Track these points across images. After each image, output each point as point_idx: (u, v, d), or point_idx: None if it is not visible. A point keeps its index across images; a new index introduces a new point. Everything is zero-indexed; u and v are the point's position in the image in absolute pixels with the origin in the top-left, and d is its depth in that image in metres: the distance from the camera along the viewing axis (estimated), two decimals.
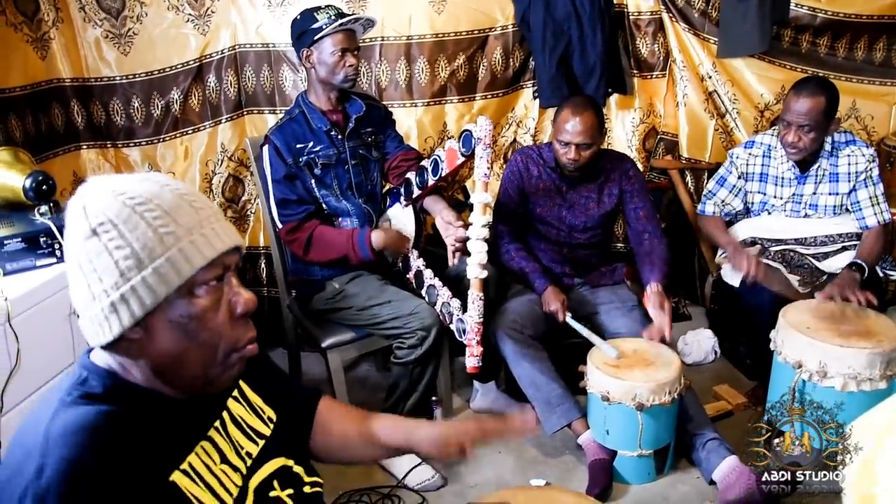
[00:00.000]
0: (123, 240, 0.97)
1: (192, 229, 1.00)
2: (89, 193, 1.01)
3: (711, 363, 3.25)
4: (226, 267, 1.04)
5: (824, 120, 2.66)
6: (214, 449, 1.11)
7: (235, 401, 1.21)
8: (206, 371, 1.04)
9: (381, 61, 3.18)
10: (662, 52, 3.42)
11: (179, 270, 0.98)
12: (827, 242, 2.81)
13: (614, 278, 2.91)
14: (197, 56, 3.06)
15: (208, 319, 1.01)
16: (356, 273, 2.63)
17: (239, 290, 1.05)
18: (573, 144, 2.59)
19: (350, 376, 3.14)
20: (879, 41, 3.38)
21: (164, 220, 0.98)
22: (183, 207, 1.01)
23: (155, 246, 0.97)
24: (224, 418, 1.16)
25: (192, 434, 1.09)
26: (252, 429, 1.20)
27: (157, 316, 0.99)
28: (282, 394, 1.33)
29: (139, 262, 0.96)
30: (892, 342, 2.30)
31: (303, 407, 1.42)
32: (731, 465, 2.39)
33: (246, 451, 1.17)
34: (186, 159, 3.15)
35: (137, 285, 0.96)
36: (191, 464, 1.05)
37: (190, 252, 0.98)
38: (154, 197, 0.99)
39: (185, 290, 0.99)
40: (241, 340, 1.06)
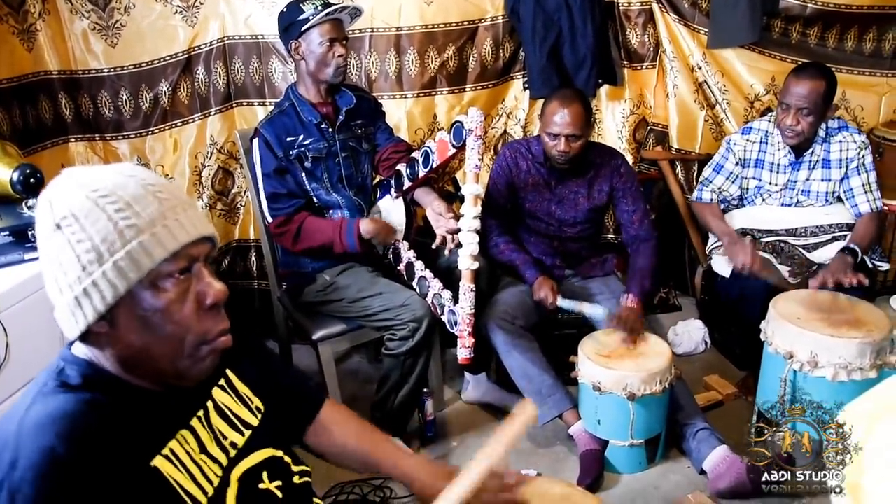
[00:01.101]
0: (85, 233, 0.96)
1: (154, 221, 0.98)
2: (56, 186, 1.00)
3: (702, 353, 3.26)
4: (193, 258, 1.02)
5: (823, 105, 2.68)
6: (194, 438, 1.10)
7: (222, 390, 1.20)
8: (174, 364, 1.03)
9: (371, 53, 3.17)
10: (652, 42, 3.42)
11: (139, 264, 0.96)
12: (817, 233, 2.82)
13: (605, 269, 2.92)
14: (185, 48, 3.04)
15: (174, 312, 1.00)
16: (347, 265, 2.62)
17: (209, 281, 1.04)
18: (563, 136, 2.58)
19: (341, 368, 3.14)
20: (869, 32, 3.38)
21: (125, 213, 0.97)
22: (147, 198, 0.99)
23: (115, 239, 0.96)
24: (208, 407, 1.15)
25: (173, 422, 1.08)
26: (238, 418, 1.20)
27: (121, 309, 0.98)
28: (272, 382, 1.32)
29: (100, 256, 0.96)
30: (881, 332, 2.31)
31: (304, 402, 1.42)
32: (721, 454, 2.41)
33: (230, 441, 1.17)
34: (176, 152, 3.14)
35: (98, 279, 0.96)
36: (172, 450, 1.05)
37: (150, 245, 0.97)
38: (118, 188, 0.98)
39: (149, 283, 0.98)
40: (210, 333, 1.04)
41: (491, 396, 2.89)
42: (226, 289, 1.05)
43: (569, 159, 2.64)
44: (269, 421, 1.25)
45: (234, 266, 3.36)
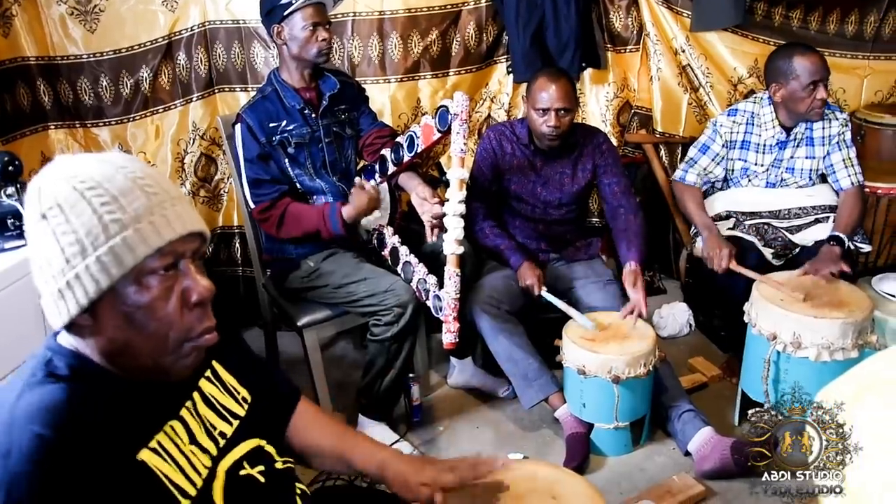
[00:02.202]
0: (69, 225, 0.95)
1: (140, 216, 0.97)
2: (46, 174, 0.99)
3: (686, 336, 3.28)
4: (179, 255, 1.01)
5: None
6: (184, 429, 1.10)
7: (208, 381, 1.19)
8: (157, 360, 1.02)
9: (354, 37, 3.15)
10: (636, 25, 3.42)
11: (122, 260, 0.95)
12: (801, 215, 2.84)
13: (590, 253, 2.92)
14: (166, 33, 3.01)
15: (157, 309, 0.99)
16: (331, 251, 2.61)
17: (195, 278, 1.02)
18: (552, 110, 2.57)
19: (327, 354, 3.14)
20: (851, 14, 3.39)
21: (111, 207, 0.96)
22: (134, 192, 0.98)
23: (99, 233, 0.95)
24: (195, 399, 1.15)
25: (161, 414, 1.08)
26: (226, 409, 1.19)
27: (104, 303, 0.97)
28: (256, 376, 1.31)
29: (83, 250, 0.95)
30: (863, 312, 2.33)
31: (282, 398, 1.41)
32: (706, 436, 2.43)
33: (219, 431, 1.16)
34: (157, 139, 3.11)
35: (81, 273, 0.95)
36: (160, 442, 1.04)
37: (134, 241, 0.96)
38: (105, 180, 0.97)
39: (133, 279, 0.97)
40: (194, 330, 1.03)
41: (477, 381, 2.90)
42: (212, 286, 1.04)
43: (559, 135, 2.63)
44: (255, 412, 1.24)
45: (218, 253, 3.34)
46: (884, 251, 3.19)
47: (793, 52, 2.73)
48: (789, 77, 2.70)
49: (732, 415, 2.69)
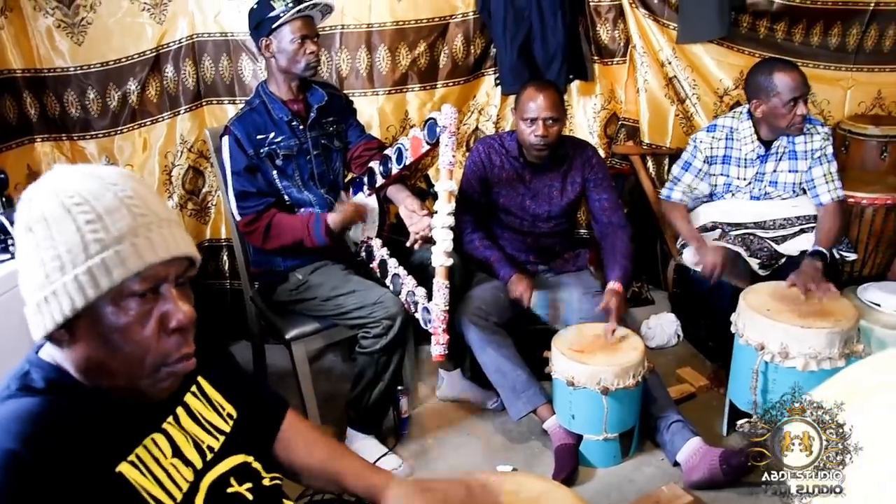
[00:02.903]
0: (52, 241, 0.95)
1: (122, 237, 0.95)
2: (40, 185, 0.99)
3: (674, 346, 3.29)
4: (161, 278, 0.99)
5: None
6: (167, 442, 1.09)
7: (194, 396, 1.18)
8: (133, 382, 1.01)
9: (342, 50, 3.15)
10: (623, 38, 3.44)
11: (98, 282, 0.94)
12: (785, 225, 2.85)
13: (578, 264, 2.93)
14: (154, 46, 3.01)
15: (134, 332, 0.98)
16: (320, 263, 2.61)
17: (176, 303, 1.00)
18: (541, 120, 2.58)
19: (315, 367, 3.13)
20: (834, 27, 3.43)
21: (95, 225, 0.95)
22: (121, 211, 0.96)
23: (79, 252, 0.94)
24: (179, 413, 1.14)
25: (141, 427, 1.07)
26: (211, 424, 1.18)
27: (81, 321, 0.96)
28: (243, 392, 1.30)
29: (62, 266, 0.94)
30: (849, 321, 2.34)
31: (268, 412, 1.38)
32: (694, 446, 2.43)
33: (207, 444, 1.15)
34: (145, 151, 3.10)
35: (59, 290, 0.94)
36: (139, 456, 1.03)
37: (112, 263, 0.94)
38: (94, 198, 0.96)
39: (111, 300, 0.96)
40: (171, 356, 1.01)
41: (465, 393, 2.90)
42: (192, 313, 1.02)
43: (547, 144, 2.63)
44: (241, 428, 1.23)
45: (206, 266, 3.33)
46: (869, 260, 3.21)
47: (773, 69, 2.74)
48: (770, 94, 2.72)
49: (721, 425, 2.70)
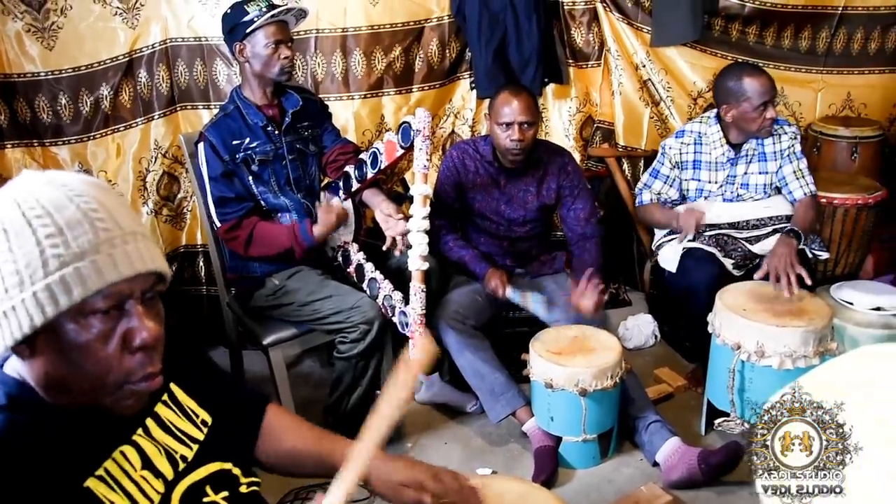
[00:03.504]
0: (12, 254, 0.90)
1: (83, 253, 0.91)
2: (6, 192, 0.95)
3: (652, 347, 3.31)
4: (126, 295, 0.95)
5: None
6: (137, 454, 1.06)
7: (165, 405, 1.15)
8: (96, 399, 0.98)
9: (317, 54, 3.15)
10: (597, 41, 3.46)
11: (57, 300, 0.90)
12: (759, 225, 2.88)
13: (554, 267, 2.94)
14: (126, 51, 2.98)
15: (95, 350, 0.94)
16: (296, 269, 2.60)
17: (141, 320, 0.96)
18: (516, 124, 2.58)
19: (293, 373, 3.11)
20: (805, 30, 3.47)
21: (55, 240, 0.90)
22: (83, 226, 0.92)
23: (38, 268, 0.90)
24: (149, 425, 1.11)
25: (110, 440, 1.04)
26: (184, 433, 1.16)
27: (41, 337, 0.93)
28: (220, 396, 1.27)
29: (21, 282, 0.90)
30: (823, 320, 2.37)
31: (247, 412, 1.36)
32: (673, 446, 2.45)
33: (180, 454, 1.13)
34: (119, 157, 3.07)
35: (17, 306, 0.90)
36: (107, 469, 1.01)
37: (72, 281, 0.90)
38: (56, 210, 0.92)
39: (72, 317, 0.92)
40: (135, 374, 0.98)
41: (444, 396, 2.89)
42: (158, 330, 0.99)
43: (522, 149, 2.64)
44: (217, 434, 1.20)
45: (182, 272, 3.30)
46: (841, 260, 3.25)
47: (742, 73, 2.77)
48: (740, 98, 2.75)
49: (699, 424, 2.72)
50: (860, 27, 3.48)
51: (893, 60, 3.57)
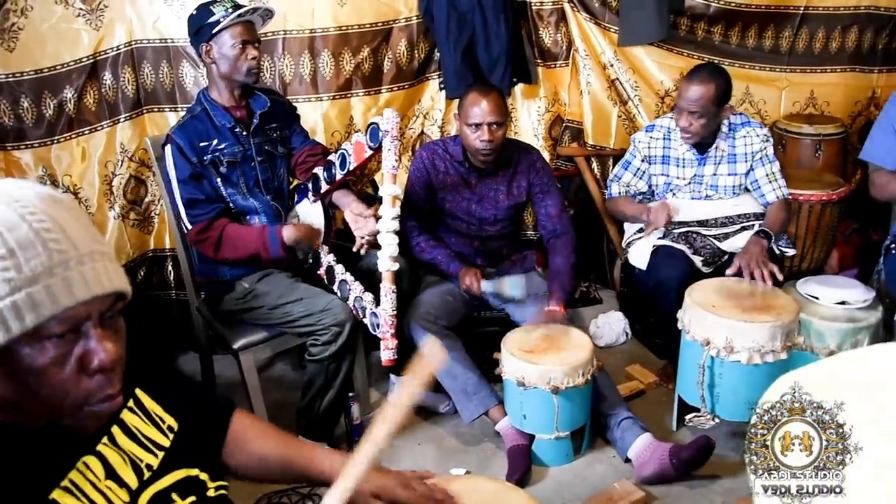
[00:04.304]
0: None
1: (36, 277, 0.86)
2: None
3: (623, 344, 3.33)
4: (82, 318, 0.91)
5: (714, 108, 2.75)
6: (101, 464, 1.03)
7: (131, 412, 1.12)
8: (55, 421, 0.95)
9: (285, 55, 3.13)
10: (565, 41, 3.48)
11: (9, 326, 0.85)
12: (727, 223, 2.92)
13: (525, 266, 2.95)
14: (90, 53, 2.93)
15: (51, 374, 0.90)
16: (266, 272, 2.58)
17: (98, 343, 0.92)
18: (485, 125, 2.58)
19: (265, 376, 3.09)
20: (768, 29, 3.52)
21: (6, 262, 0.85)
22: (35, 248, 0.87)
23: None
24: (113, 433, 1.08)
25: (73, 451, 1.01)
26: (149, 440, 1.13)
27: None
28: (186, 401, 1.25)
29: None
30: (790, 315, 2.41)
31: (214, 417, 1.34)
32: (645, 442, 2.47)
33: (146, 463, 1.11)
34: (84, 161, 3.02)
35: None
36: (73, 480, 0.98)
37: (25, 307, 0.86)
38: (6, 229, 0.86)
39: (26, 341, 0.88)
40: (92, 398, 0.94)
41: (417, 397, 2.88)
42: (116, 352, 0.95)
43: (493, 149, 2.64)
44: (183, 440, 1.18)
45: (151, 277, 3.26)
46: (807, 255, 3.30)
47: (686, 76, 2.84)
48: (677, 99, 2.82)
49: (670, 420, 2.74)
50: (821, 27, 3.54)
51: (854, 59, 3.63)
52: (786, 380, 0.97)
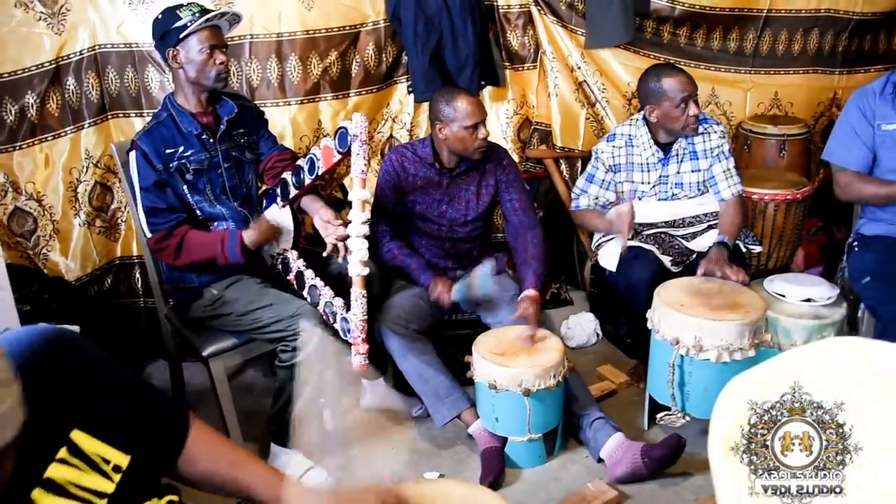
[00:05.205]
0: None
1: None
2: None
3: (594, 345, 3.35)
4: None
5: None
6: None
7: (63, 464, 1.05)
8: None
9: (252, 60, 3.10)
10: (533, 44, 3.49)
11: None
12: (694, 223, 2.95)
13: (496, 268, 2.94)
14: (53, 57, 2.89)
15: None
16: (235, 278, 2.56)
17: None
18: (481, 123, 2.62)
19: (235, 383, 3.06)
20: (732, 32, 3.57)
21: None
22: None
23: None
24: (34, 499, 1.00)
25: None
26: (89, 490, 1.06)
27: None
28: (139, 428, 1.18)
29: None
30: (757, 312, 2.43)
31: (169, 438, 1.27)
32: (617, 441, 2.48)
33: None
34: (47, 167, 2.97)
35: None
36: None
37: None
38: None
39: None
40: None
41: (389, 401, 2.87)
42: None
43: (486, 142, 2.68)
44: (133, 475, 1.12)
45: (118, 284, 3.22)
46: (773, 253, 3.35)
47: (660, 74, 2.84)
48: (661, 97, 2.81)
49: (641, 419, 2.76)
50: (784, 29, 3.60)
51: (815, 61, 3.70)
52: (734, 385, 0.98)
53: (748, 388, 0.98)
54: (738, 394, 0.98)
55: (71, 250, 3.05)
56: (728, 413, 0.97)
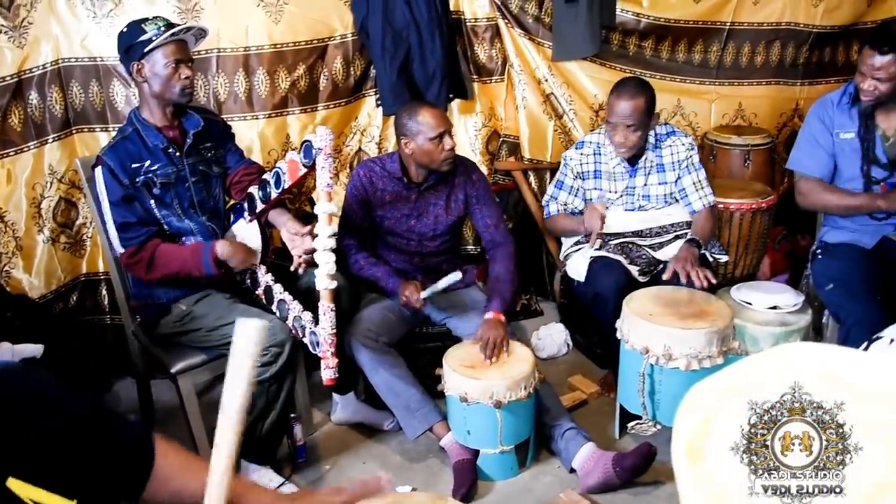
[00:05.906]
0: None
1: None
2: None
3: (565, 356, 3.36)
4: None
5: (646, 118, 2.84)
6: None
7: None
8: None
9: (219, 73, 3.09)
10: (500, 57, 3.51)
11: None
12: (661, 233, 2.98)
13: (465, 281, 2.93)
14: (14, 71, 2.84)
15: None
16: (204, 293, 2.53)
17: None
18: (446, 133, 2.63)
19: (204, 400, 3.00)
20: (697, 44, 3.63)
21: None
22: None
23: None
24: None
25: None
26: None
27: None
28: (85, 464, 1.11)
29: None
30: (725, 320, 2.47)
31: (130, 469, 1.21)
32: (588, 451, 2.49)
33: None
34: (10, 183, 2.92)
35: None
36: None
37: None
38: None
39: None
40: None
41: (360, 415, 2.87)
42: None
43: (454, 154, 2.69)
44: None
45: (84, 301, 3.18)
46: (740, 262, 3.39)
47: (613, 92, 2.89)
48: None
49: (613, 429, 2.78)
50: (746, 42, 3.67)
51: (777, 73, 3.78)
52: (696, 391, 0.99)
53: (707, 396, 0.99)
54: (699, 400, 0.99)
55: (35, 267, 3.00)
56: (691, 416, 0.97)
